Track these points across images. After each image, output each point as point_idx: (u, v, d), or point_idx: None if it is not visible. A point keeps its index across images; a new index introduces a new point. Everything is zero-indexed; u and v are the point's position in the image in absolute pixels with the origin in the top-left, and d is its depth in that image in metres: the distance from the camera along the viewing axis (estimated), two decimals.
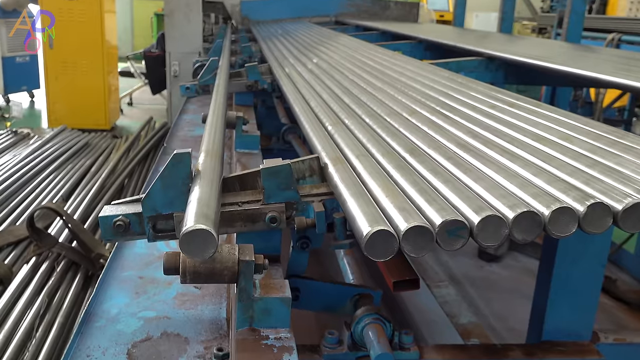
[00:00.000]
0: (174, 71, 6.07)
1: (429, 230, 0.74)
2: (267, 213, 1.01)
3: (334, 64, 2.37)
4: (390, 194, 0.87)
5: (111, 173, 4.63)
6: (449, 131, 1.21)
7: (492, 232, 0.75)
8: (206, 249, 0.76)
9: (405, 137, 1.20)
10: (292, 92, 1.85)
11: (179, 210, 1.01)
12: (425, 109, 1.41)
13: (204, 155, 1.11)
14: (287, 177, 0.99)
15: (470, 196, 0.83)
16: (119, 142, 5.94)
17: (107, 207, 1.06)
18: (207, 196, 0.87)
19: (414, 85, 1.74)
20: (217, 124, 1.37)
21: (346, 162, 1.08)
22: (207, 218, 0.79)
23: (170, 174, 0.98)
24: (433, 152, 1.07)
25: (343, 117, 1.43)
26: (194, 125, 3.03)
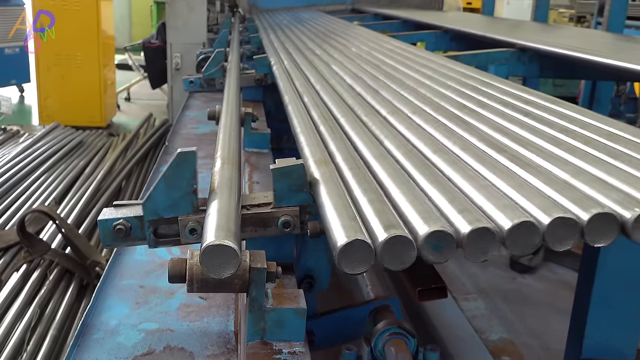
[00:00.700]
0: (175, 64, 6.12)
1: (450, 236, 0.75)
2: (280, 217, 1.02)
3: (342, 60, 2.38)
4: (410, 195, 0.88)
5: (107, 174, 4.67)
6: (476, 129, 1.21)
7: (524, 240, 0.75)
8: (227, 267, 0.79)
9: (429, 135, 1.21)
10: (290, 94, 1.87)
11: (183, 213, 1.02)
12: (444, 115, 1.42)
13: (220, 162, 1.13)
14: (300, 178, 1.00)
15: (495, 195, 0.83)
16: (116, 141, 5.99)
17: (106, 210, 1.08)
18: (228, 209, 0.90)
19: (438, 88, 1.74)
20: (232, 125, 1.39)
21: (363, 164, 1.09)
22: (230, 232, 0.82)
23: (174, 174, 0.99)
24: (460, 151, 1.07)
25: (344, 123, 1.44)
26: (198, 122, 3.05)
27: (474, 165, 0.99)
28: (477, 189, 0.87)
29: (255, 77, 2.68)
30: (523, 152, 1.04)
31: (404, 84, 1.77)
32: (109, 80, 7.80)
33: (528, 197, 0.83)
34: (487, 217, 0.78)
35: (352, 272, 0.74)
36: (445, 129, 1.23)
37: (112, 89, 8.00)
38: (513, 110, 1.34)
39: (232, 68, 2.53)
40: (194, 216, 1.02)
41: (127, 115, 8.44)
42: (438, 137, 1.19)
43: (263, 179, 1.65)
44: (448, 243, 0.75)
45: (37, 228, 3.53)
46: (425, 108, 1.44)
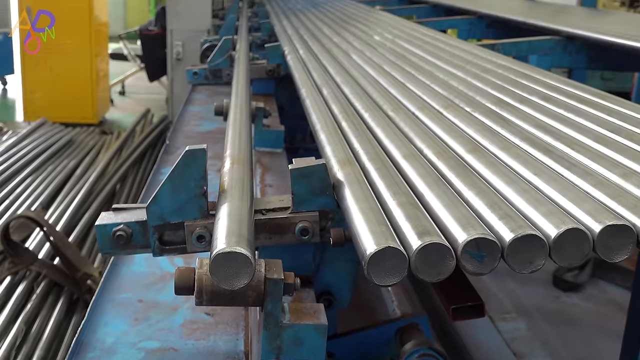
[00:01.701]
0: (176, 53, 6.16)
1: (493, 244, 0.76)
2: (297, 223, 1.04)
3: (363, 49, 2.40)
4: (445, 198, 0.89)
5: (100, 176, 4.72)
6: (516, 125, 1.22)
7: (572, 250, 0.76)
8: (240, 277, 0.80)
9: (465, 134, 1.22)
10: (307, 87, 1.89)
11: (190, 218, 1.04)
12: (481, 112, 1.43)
13: (229, 162, 1.14)
14: (322, 180, 1.02)
15: (539, 199, 0.84)
16: (109, 139, 6.04)
17: (105, 215, 1.10)
18: (239, 212, 0.91)
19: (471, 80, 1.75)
20: (242, 122, 1.41)
21: (391, 165, 1.10)
22: (242, 238, 0.83)
23: (181, 175, 1.01)
24: (498, 151, 1.08)
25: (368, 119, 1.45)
26: (201, 118, 3.08)
27: (515, 167, 1.00)
28: (518, 193, 0.88)
29: (266, 68, 2.70)
30: (569, 152, 1.05)
31: (433, 76, 1.78)
32: (102, 72, 7.87)
33: (576, 201, 0.83)
34: (531, 224, 0.79)
35: (383, 284, 0.76)
36: (481, 126, 1.24)
37: (105, 82, 8.07)
38: (557, 106, 1.35)
39: (240, 58, 2.55)
40: (202, 221, 1.04)
41: (122, 111, 8.51)
42: (473, 135, 1.20)
43: (277, 182, 1.67)
44: (491, 252, 0.76)
45: (22, 236, 3.57)
46: (459, 103, 1.45)
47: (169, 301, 1.39)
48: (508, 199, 0.88)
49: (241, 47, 2.77)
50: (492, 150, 1.10)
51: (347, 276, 1.16)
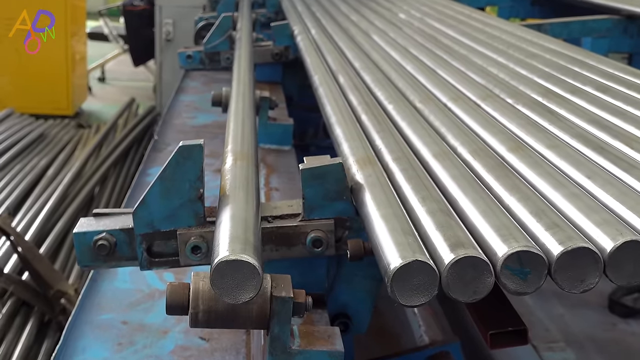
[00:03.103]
0: (166, 33, 6.18)
1: (539, 258, 0.77)
2: (309, 233, 1.05)
3: (386, 29, 2.41)
4: (482, 204, 0.90)
5: (76, 177, 4.74)
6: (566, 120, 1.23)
7: (630, 266, 0.77)
8: (245, 289, 0.81)
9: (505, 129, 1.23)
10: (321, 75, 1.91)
11: (184, 225, 1.05)
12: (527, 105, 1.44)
13: (231, 159, 1.16)
14: (338, 182, 1.03)
15: (593, 206, 0.85)
16: (87, 134, 6.07)
17: (84, 221, 1.11)
18: (245, 215, 0.93)
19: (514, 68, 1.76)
20: (245, 113, 1.43)
21: (419, 165, 1.11)
22: (248, 244, 0.84)
23: (173, 175, 1.02)
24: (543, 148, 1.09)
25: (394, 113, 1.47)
26: (195, 110, 3.10)
27: (564, 168, 1.01)
28: (568, 199, 0.89)
29: (272, 50, 2.72)
30: (627, 151, 1.06)
31: (469, 61, 1.79)
32: (79, 55, 7.90)
33: (635, 209, 0.84)
34: (583, 235, 0.80)
35: (409, 304, 0.77)
36: (525, 120, 1.25)
37: (82, 66, 8.10)
38: (614, 97, 1.36)
39: (242, 39, 2.57)
40: (197, 229, 1.05)
41: (102, 101, 8.54)
42: (516, 131, 1.21)
43: (284, 185, 1.68)
44: (535, 268, 0.76)
45: None
46: (499, 93, 1.46)
47: (158, 323, 1.40)
48: (556, 206, 0.89)
49: (243, 26, 2.79)
50: (538, 149, 1.11)
51: (367, 295, 1.17)
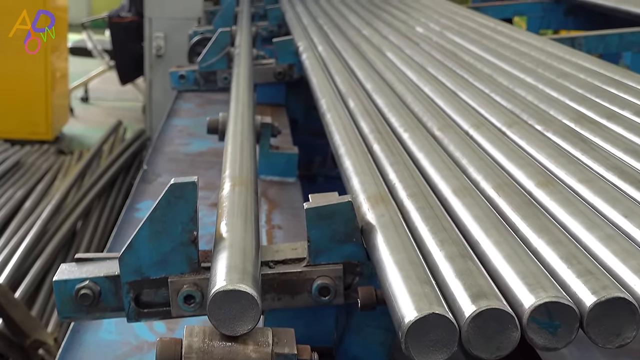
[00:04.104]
0: (156, 48, 6.21)
1: (569, 310, 0.77)
2: (315, 280, 1.06)
3: (401, 44, 2.42)
4: (507, 249, 0.91)
5: (57, 211, 4.75)
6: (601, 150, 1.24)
7: None
8: (243, 320, 0.86)
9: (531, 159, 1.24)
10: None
11: (176, 272, 1.06)
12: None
13: (229, 185, 1.17)
14: (346, 223, 1.04)
15: (630, 250, 0.86)
16: (69, 161, 6.08)
17: (65, 267, 1.12)
18: (243, 243, 0.98)
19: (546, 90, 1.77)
20: (245, 141, 1.44)
21: (437, 203, 1.12)
22: (247, 274, 0.90)
23: (164, 217, 1.03)
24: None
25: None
26: (189, 135, 3.11)
27: (599, 206, 1.02)
28: (603, 242, 0.90)
29: (275, 69, 2.74)
30: None
31: (494, 82, 1.80)
32: (59, 72, 7.93)
33: None
34: (619, 283, 0.80)
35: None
36: (555, 150, 1.25)
37: (63, 85, 8.12)
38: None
39: (241, 56, 2.59)
40: (191, 276, 1.06)
41: (85, 124, 8.56)
42: (545, 162, 1.22)
43: (288, 223, 1.68)
44: (566, 320, 0.77)
45: None
46: (527, 119, 1.47)
47: None
48: (589, 250, 0.90)
49: (242, 42, 2.81)
50: (569, 183, 1.12)
51: (380, 348, 1.18)
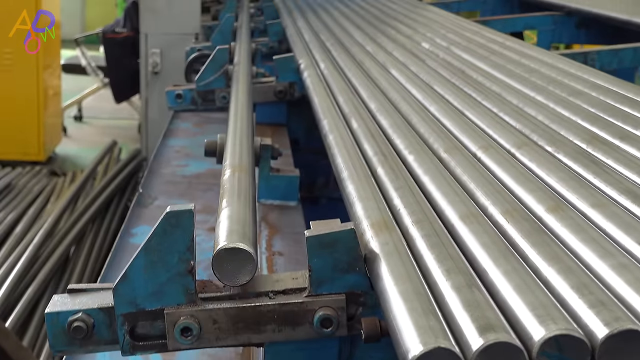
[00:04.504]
0: (152, 64, 6.23)
1: (581, 343, 0.78)
2: (317, 310, 1.06)
3: (407, 61, 2.43)
4: (516, 278, 0.91)
5: (49, 235, 4.75)
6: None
7: None
8: (243, 273, 1.05)
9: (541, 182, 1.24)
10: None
11: (172, 304, 1.06)
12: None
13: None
14: (349, 251, 1.04)
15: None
16: (62, 183, 6.09)
17: (57, 299, 1.12)
18: (240, 213, 1.18)
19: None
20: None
21: (444, 230, 1.12)
22: (245, 236, 1.10)
23: (160, 246, 1.04)
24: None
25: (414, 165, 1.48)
26: (186, 156, 3.12)
27: (612, 232, 1.02)
28: (616, 270, 0.90)
29: (275, 88, 2.74)
30: None
31: (503, 101, 1.81)
32: (52, 90, 7.95)
33: None
34: (633, 314, 0.81)
35: None
36: (566, 173, 1.26)
37: (55, 104, 8.14)
38: None
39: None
40: (188, 308, 1.06)
41: (78, 143, 8.58)
42: (556, 186, 1.22)
43: (289, 249, 1.68)
44: (577, 353, 0.77)
45: None
46: (537, 140, 1.47)
47: None
48: (601, 279, 0.90)
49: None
50: (581, 208, 1.12)
51: None
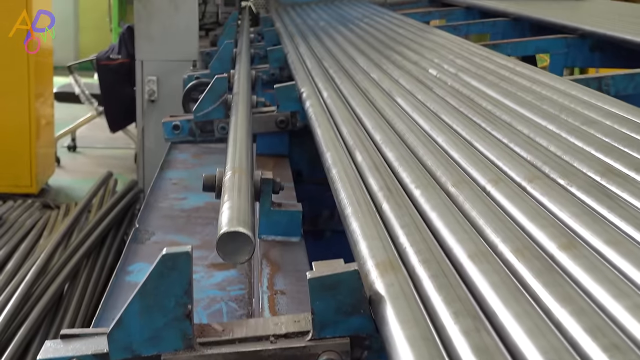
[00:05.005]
0: (149, 92, 6.26)
1: None
2: (320, 355, 1.06)
3: (413, 89, 2.45)
4: (528, 321, 0.91)
5: (42, 272, 4.74)
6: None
7: None
8: (242, 253, 1.25)
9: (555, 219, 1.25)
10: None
11: (169, 349, 1.07)
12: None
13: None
14: (353, 293, 1.05)
15: None
16: (55, 217, 6.09)
17: (50, 345, 1.14)
18: (240, 203, 1.42)
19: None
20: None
21: (452, 269, 1.13)
22: (244, 222, 1.30)
23: (156, 290, 1.05)
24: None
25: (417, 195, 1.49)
26: (184, 189, 3.13)
27: (627, 271, 1.02)
28: (631, 312, 0.90)
29: (277, 117, 2.75)
30: None
31: (513, 130, 1.81)
32: (44, 120, 7.97)
33: None
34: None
35: None
36: (579, 208, 1.26)
37: (48, 133, 8.16)
38: None
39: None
40: (185, 354, 1.07)
41: (72, 175, 8.59)
42: (569, 222, 1.22)
43: (291, 287, 1.68)
44: None
45: None
46: (549, 172, 1.47)
47: None
48: (616, 321, 0.90)
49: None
50: (595, 245, 1.12)
51: None
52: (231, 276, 2.13)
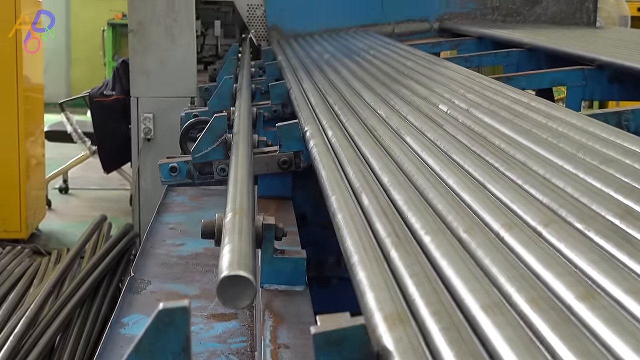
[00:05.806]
0: (145, 130, 6.27)
1: None
2: None
3: (422, 126, 2.46)
4: None
5: (32, 324, 4.74)
6: None
7: None
8: (243, 298, 1.25)
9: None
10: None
11: None
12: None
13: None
14: (360, 349, 1.05)
15: None
16: (46, 264, 6.09)
17: None
18: (241, 246, 1.44)
19: None
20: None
21: (464, 322, 1.14)
22: (245, 265, 1.31)
23: (152, 347, 1.05)
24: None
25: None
26: (182, 234, 3.15)
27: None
28: None
29: (279, 158, 2.75)
30: None
31: (528, 171, 1.81)
32: (35, 160, 7.99)
33: None
34: None
35: None
36: (597, 254, 1.26)
37: (39, 175, 8.17)
38: None
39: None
40: None
41: (64, 218, 8.59)
42: (586, 269, 1.22)
43: (296, 340, 1.68)
44: None
45: None
46: (565, 216, 1.47)
47: None
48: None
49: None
50: (615, 295, 1.12)
51: None
52: (232, 327, 2.14)
